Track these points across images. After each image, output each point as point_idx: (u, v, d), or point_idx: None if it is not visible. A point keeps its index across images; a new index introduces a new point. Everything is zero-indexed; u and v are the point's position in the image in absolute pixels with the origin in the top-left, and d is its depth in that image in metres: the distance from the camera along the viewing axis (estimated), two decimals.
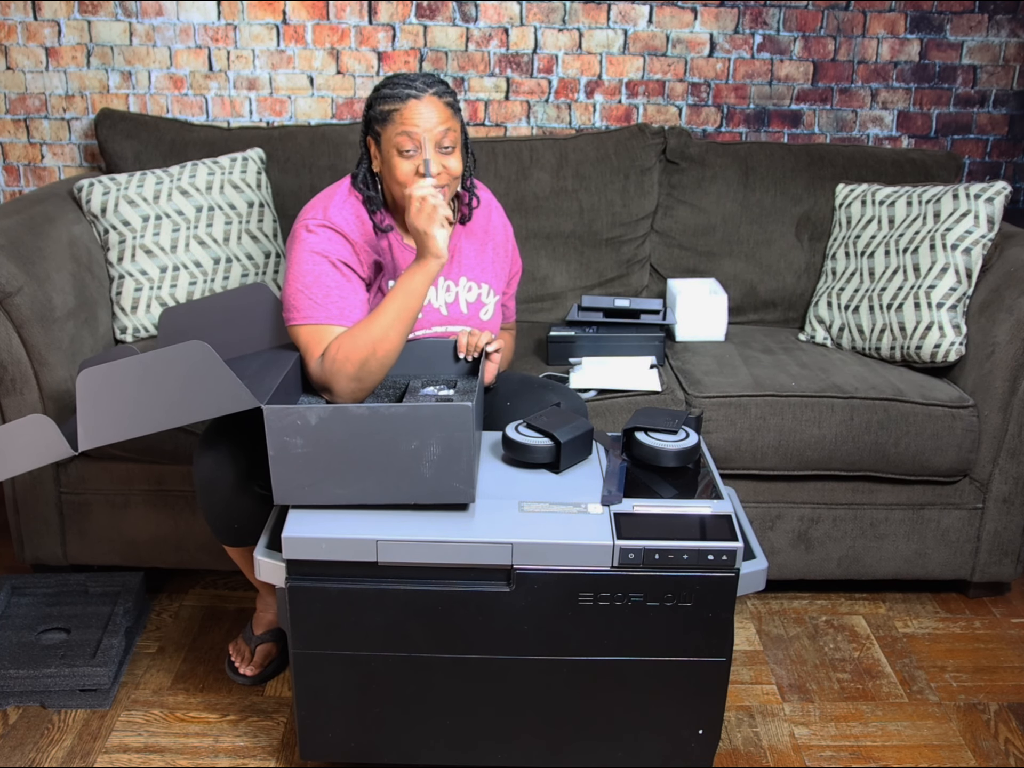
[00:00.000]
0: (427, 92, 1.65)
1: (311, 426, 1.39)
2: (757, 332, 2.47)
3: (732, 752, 1.75)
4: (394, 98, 1.65)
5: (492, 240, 1.88)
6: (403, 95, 1.65)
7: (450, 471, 1.41)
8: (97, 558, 2.15)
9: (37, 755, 1.71)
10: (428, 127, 1.64)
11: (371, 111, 1.70)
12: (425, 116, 1.64)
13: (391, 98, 1.66)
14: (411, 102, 1.64)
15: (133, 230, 2.26)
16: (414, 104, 1.64)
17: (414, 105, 1.64)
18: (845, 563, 2.15)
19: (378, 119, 1.68)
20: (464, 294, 1.83)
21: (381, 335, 1.61)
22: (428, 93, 1.65)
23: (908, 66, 2.72)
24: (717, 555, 1.41)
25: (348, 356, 1.61)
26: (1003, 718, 1.84)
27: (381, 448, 1.40)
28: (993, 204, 2.15)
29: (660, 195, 2.56)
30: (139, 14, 2.61)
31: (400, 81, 1.67)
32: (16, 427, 1.48)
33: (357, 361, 1.61)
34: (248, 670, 1.88)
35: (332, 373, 1.62)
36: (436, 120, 1.65)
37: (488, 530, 1.41)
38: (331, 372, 1.63)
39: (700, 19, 2.66)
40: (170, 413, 1.43)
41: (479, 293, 1.84)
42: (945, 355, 2.13)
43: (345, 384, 1.62)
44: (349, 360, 1.61)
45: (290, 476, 1.42)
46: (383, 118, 1.67)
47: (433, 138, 1.65)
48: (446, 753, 1.55)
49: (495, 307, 1.87)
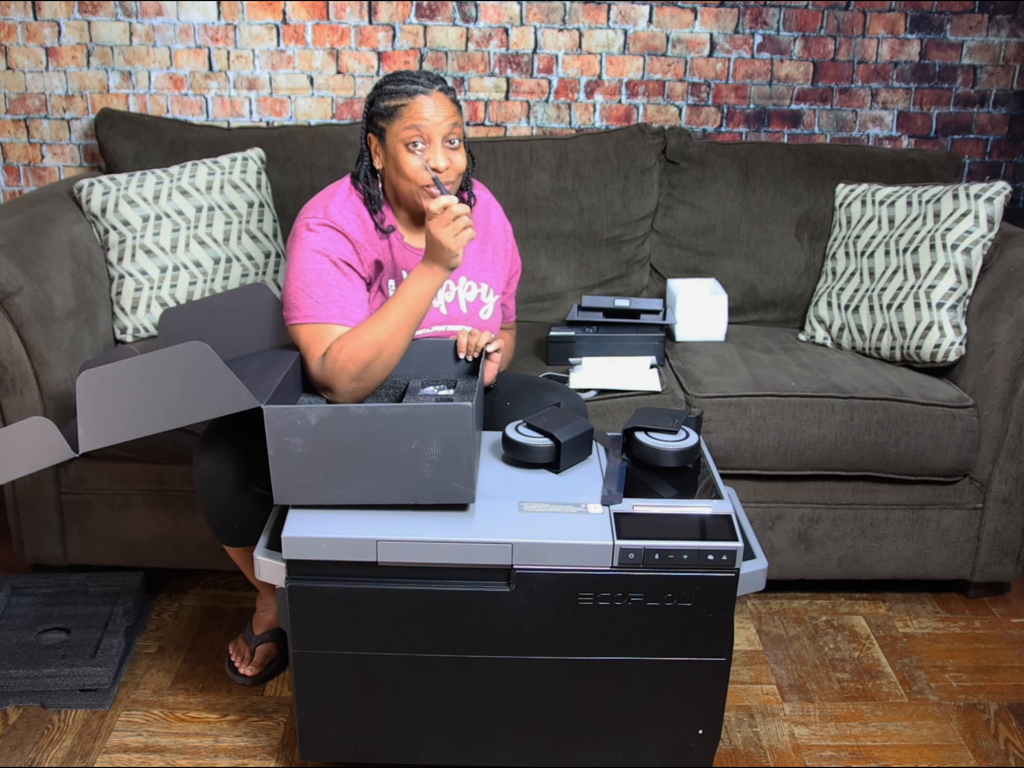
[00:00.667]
0: (434, 88, 1.66)
1: (311, 426, 1.39)
2: (757, 332, 2.47)
3: (732, 752, 1.75)
4: (400, 93, 1.66)
5: (492, 240, 1.88)
6: (410, 90, 1.65)
7: (450, 471, 1.41)
8: (97, 558, 2.15)
9: (37, 755, 1.71)
10: (437, 121, 1.65)
11: (374, 107, 1.70)
12: (433, 110, 1.65)
13: (397, 93, 1.66)
14: (419, 97, 1.65)
15: (133, 230, 2.26)
16: (422, 99, 1.65)
17: (422, 100, 1.65)
18: (845, 563, 2.15)
19: (383, 114, 1.68)
20: (464, 293, 1.83)
21: (386, 337, 1.61)
22: (435, 89, 1.66)
23: (908, 66, 2.72)
24: (717, 555, 1.41)
25: (351, 356, 1.61)
26: (1003, 718, 1.84)
27: (381, 448, 1.40)
28: (993, 204, 2.15)
29: (660, 195, 2.56)
30: (139, 14, 2.61)
31: (405, 77, 1.68)
32: (17, 429, 1.47)
33: (361, 362, 1.61)
34: (248, 670, 1.88)
35: (334, 373, 1.63)
36: (444, 115, 1.66)
37: (488, 530, 1.41)
38: (333, 372, 1.63)
39: (700, 19, 2.66)
40: (170, 414, 1.43)
41: (479, 292, 1.84)
42: (945, 355, 2.13)
43: (347, 384, 1.62)
44: (352, 360, 1.61)
45: (290, 476, 1.42)
46: (389, 113, 1.67)
47: (441, 132, 1.65)
48: (446, 753, 1.55)
49: (495, 306, 1.87)
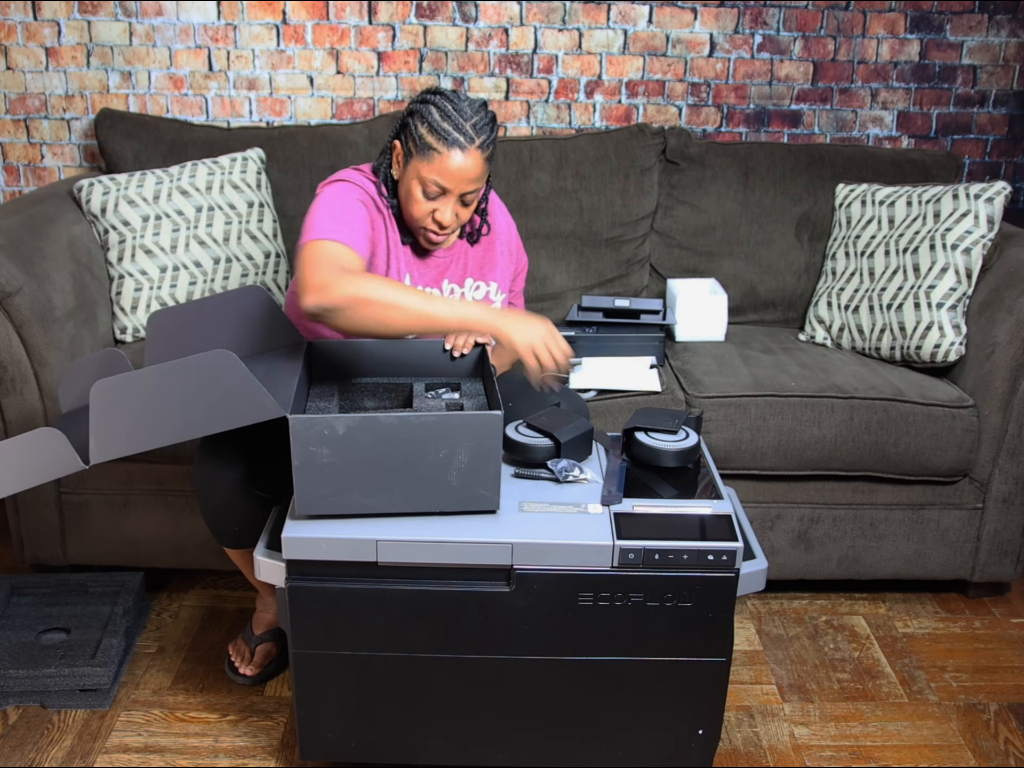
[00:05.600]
0: (473, 144, 1.60)
1: (339, 436, 1.36)
2: (757, 332, 2.47)
3: (732, 752, 1.75)
4: (441, 137, 1.59)
5: (498, 238, 1.88)
6: (451, 138, 1.59)
7: (477, 478, 1.40)
8: (97, 558, 2.15)
9: (37, 755, 1.71)
10: (460, 181, 1.61)
11: (414, 119, 1.64)
12: (461, 169, 1.60)
13: (438, 132, 1.59)
14: (455, 151, 1.59)
15: (133, 230, 2.26)
16: (457, 154, 1.59)
17: (456, 155, 1.59)
18: (845, 563, 2.15)
19: (416, 141, 1.62)
20: (471, 293, 1.82)
21: (393, 302, 1.49)
22: (474, 146, 1.60)
23: (908, 66, 2.72)
24: (717, 555, 1.41)
25: (362, 290, 1.48)
26: (1003, 718, 1.84)
27: (409, 457, 1.38)
28: (993, 204, 2.15)
29: (660, 195, 2.56)
30: (139, 14, 2.61)
31: (454, 117, 1.59)
32: (25, 440, 1.43)
33: (369, 297, 1.48)
34: (248, 670, 1.89)
35: (345, 284, 1.49)
36: (469, 177, 1.62)
37: (488, 530, 1.41)
38: (344, 282, 1.49)
39: (700, 19, 2.66)
40: (189, 424, 1.39)
41: (487, 291, 1.84)
42: (945, 355, 2.13)
43: (343, 299, 1.49)
44: (362, 293, 1.48)
45: (314, 486, 1.39)
46: (421, 146, 1.61)
47: (459, 191, 1.63)
48: (446, 753, 1.55)
49: (502, 305, 1.86)
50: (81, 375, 1.70)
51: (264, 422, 1.40)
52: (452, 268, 1.82)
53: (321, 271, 1.50)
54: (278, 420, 1.39)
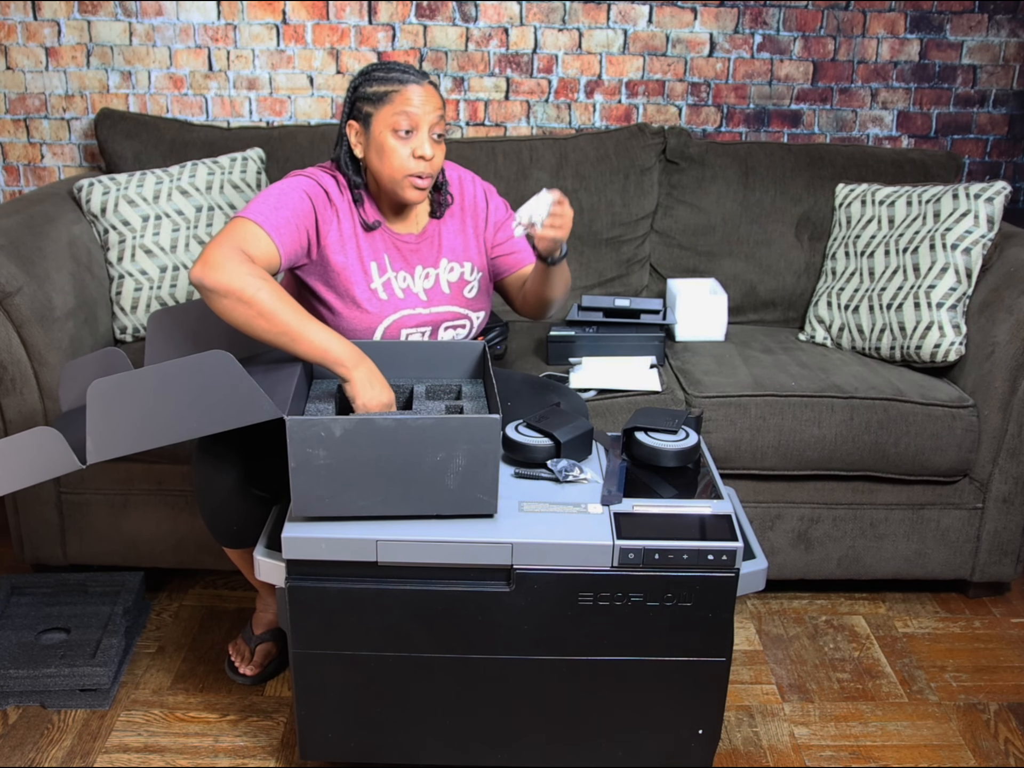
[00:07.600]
0: (424, 80, 1.67)
1: (335, 438, 1.36)
2: (757, 332, 2.47)
3: (732, 752, 1.75)
4: (391, 80, 1.65)
5: (471, 215, 1.86)
6: (402, 78, 1.65)
7: (475, 482, 1.40)
8: (97, 558, 2.15)
9: (37, 755, 1.71)
10: (427, 110, 1.65)
11: (359, 91, 1.68)
12: (423, 100, 1.65)
13: (388, 80, 1.66)
14: (411, 85, 1.65)
15: (133, 230, 2.26)
16: (414, 87, 1.65)
17: (414, 88, 1.65)
18: (845, 563, 2.15)
19: (370, 99, 1.66)
20: (445, 275, 1.82)
21: (272, 315, 1.51)
22: (425, 81, 1.67)
23: (908, 66, 2.72)
24: (717, 555, 1.41)
25: (250, 286, 1.50)
26: (1003, 718, 1.84)
27: (406, 459, 1.38)
28: (993, 204, 2.15)
29: (660, 195, 2.56)
30: (139, 14, 2.61)
31: (395, 67, 1.68)
32: (22, 439, 1.43)
33: (247, 296, 1.50)
34: (248, 670, 1.88)
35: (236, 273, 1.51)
36: (433, 106, 1.66)
37: (488, 530, 1.41)
38: (236, 272, 1.51)
39: (700, 19, 2.66)
40: (187, 425, 1.39)
41: (461, 272, 1.83)
42: (945, 355, 2.13)
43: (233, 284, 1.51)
44: (248, 287, 1.50)
45: (311, 488, 1.39)
46: (378, 98, 1.66)
47: (429, 122, 1.65)
48: (446, 753, 1.55)
49: (480, 283, 1.86)
50: (81, 374, 1.71)
51: (263, 422, 1.40)
52: (425, 251, 1.81)
53: (224, 250, 1.53)
54: (277, 420, 1.39)
